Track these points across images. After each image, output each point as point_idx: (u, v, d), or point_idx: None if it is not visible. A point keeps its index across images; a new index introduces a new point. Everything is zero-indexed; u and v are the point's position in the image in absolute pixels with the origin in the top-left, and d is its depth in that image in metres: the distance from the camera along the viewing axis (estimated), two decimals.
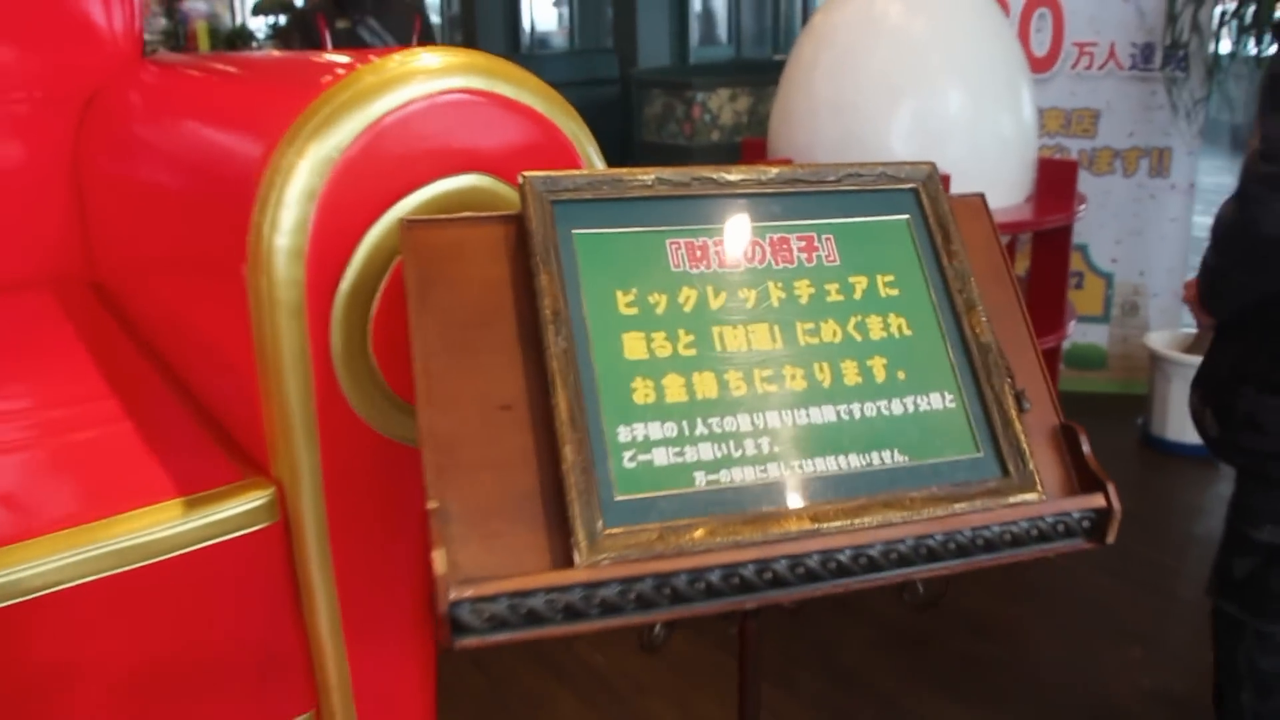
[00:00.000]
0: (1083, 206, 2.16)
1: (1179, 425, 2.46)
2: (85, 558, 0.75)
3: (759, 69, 3.00)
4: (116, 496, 0.80)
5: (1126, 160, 2.78)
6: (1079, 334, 2.84)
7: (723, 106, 3.15)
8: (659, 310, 0.71)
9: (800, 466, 0.69)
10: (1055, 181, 2.18)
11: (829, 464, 0.69)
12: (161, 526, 0.77)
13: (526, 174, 0.72)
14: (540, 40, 4.59)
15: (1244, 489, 1.21)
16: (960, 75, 2.07)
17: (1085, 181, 2.56)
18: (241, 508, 0.80)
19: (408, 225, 0.71)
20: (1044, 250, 2.22)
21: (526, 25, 4.47)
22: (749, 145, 2.49)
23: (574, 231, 0.72)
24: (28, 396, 1.01)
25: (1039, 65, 2.76)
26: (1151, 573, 1.99)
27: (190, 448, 0.89)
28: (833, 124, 2.08)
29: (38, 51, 1.40)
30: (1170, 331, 2.71)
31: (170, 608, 0.79)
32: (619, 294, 0.71)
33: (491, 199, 0.84)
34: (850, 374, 0.73)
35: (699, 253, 0.74)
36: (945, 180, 1.92)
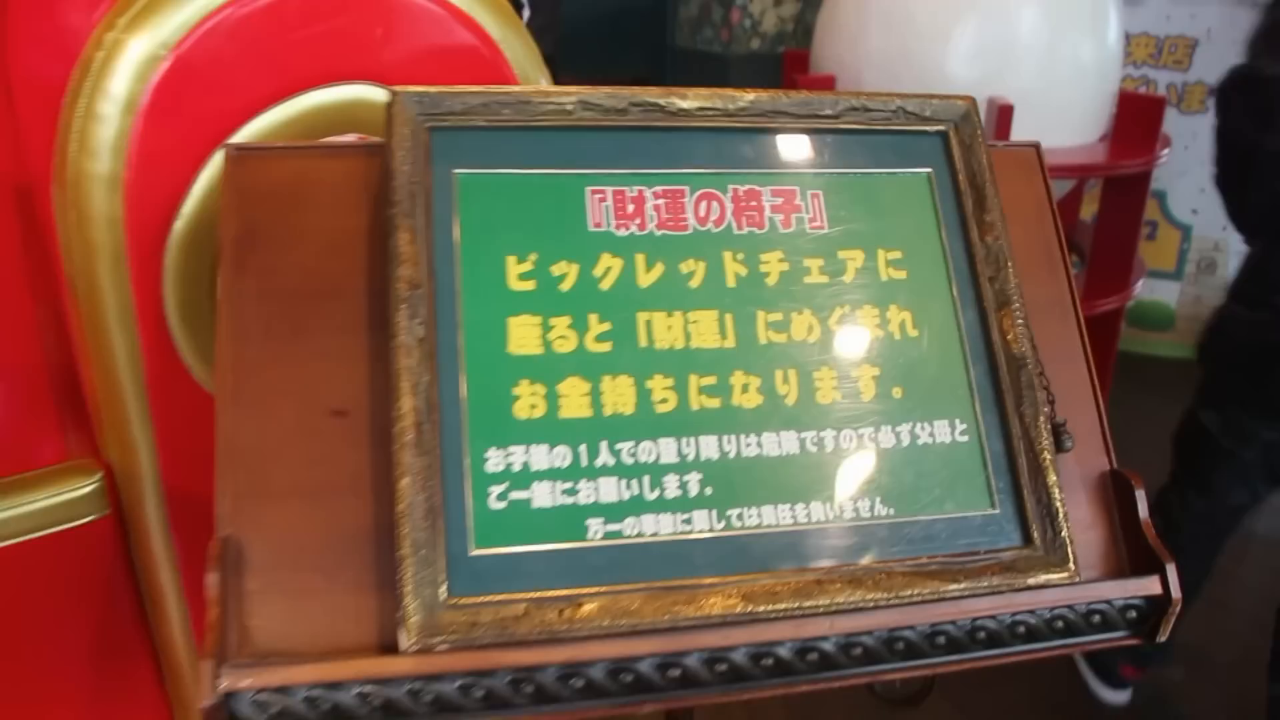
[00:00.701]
0: (1165, 151, 1.87)
1: None
2: None
3: None
4: None
5: None
6: (1145, 290, 2.56)
7: (766, 11, 2.81)
8: (565, 286, 0.52)
9: (739, 518, 0.50)
10: (1137, 119, 1.89)
11: (781, 515, 0.51)
12: None
13: (398, 89, 0.53)
14: None
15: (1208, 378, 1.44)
16: None
17: (1171, 121, 2.25)
18: (59, 497, 0.65)
19: (234, 154, 0.53)
20: (1116, 197, 1.94)
21: None
22: (791, 57, 2.22)
23: (456, 172, 0.52)
24: None
25: None
26: None
27: (23, 416, 0.73)
28: (884, 38, 1.81)
29: None
30: None
31: None
32: (511, 261, 0.52)
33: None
34: (826, 387, 0.54)
35: (630, 207, 0.54)
36: (1006, 111, 1.66)
